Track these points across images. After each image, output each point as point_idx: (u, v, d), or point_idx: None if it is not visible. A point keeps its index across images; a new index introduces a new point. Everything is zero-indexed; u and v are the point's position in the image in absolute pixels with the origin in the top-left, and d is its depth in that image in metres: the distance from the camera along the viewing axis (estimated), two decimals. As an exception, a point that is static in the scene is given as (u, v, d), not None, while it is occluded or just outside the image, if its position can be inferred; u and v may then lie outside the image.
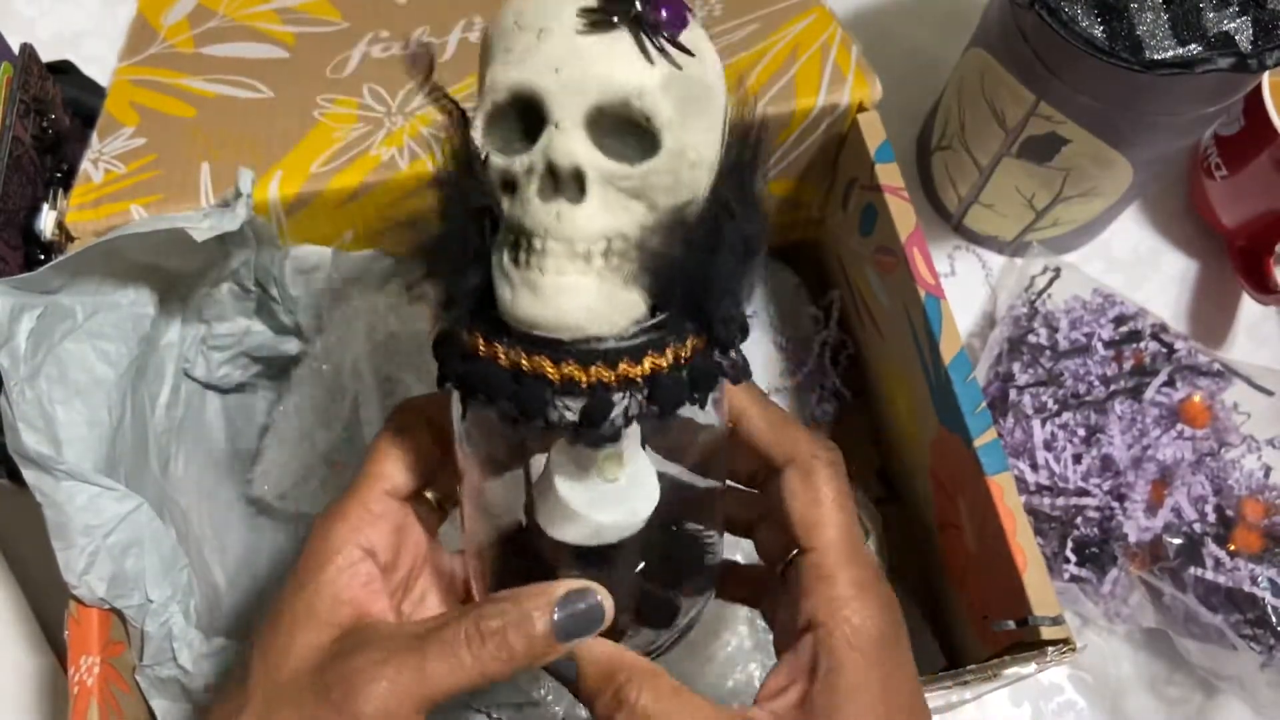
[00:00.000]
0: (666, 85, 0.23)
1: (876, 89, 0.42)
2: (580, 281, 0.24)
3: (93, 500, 0.34)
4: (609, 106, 0.23)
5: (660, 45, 0.23)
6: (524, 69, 0.23)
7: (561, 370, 0.24)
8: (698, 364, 0.25)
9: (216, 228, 0.36)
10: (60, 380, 0.35)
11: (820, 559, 0.27)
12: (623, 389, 0.24)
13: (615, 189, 0.24)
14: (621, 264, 0.24)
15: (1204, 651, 0.44)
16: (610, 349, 0.24)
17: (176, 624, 0.36)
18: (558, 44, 0.23)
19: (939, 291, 0.39)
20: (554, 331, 0.24)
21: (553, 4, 0.23)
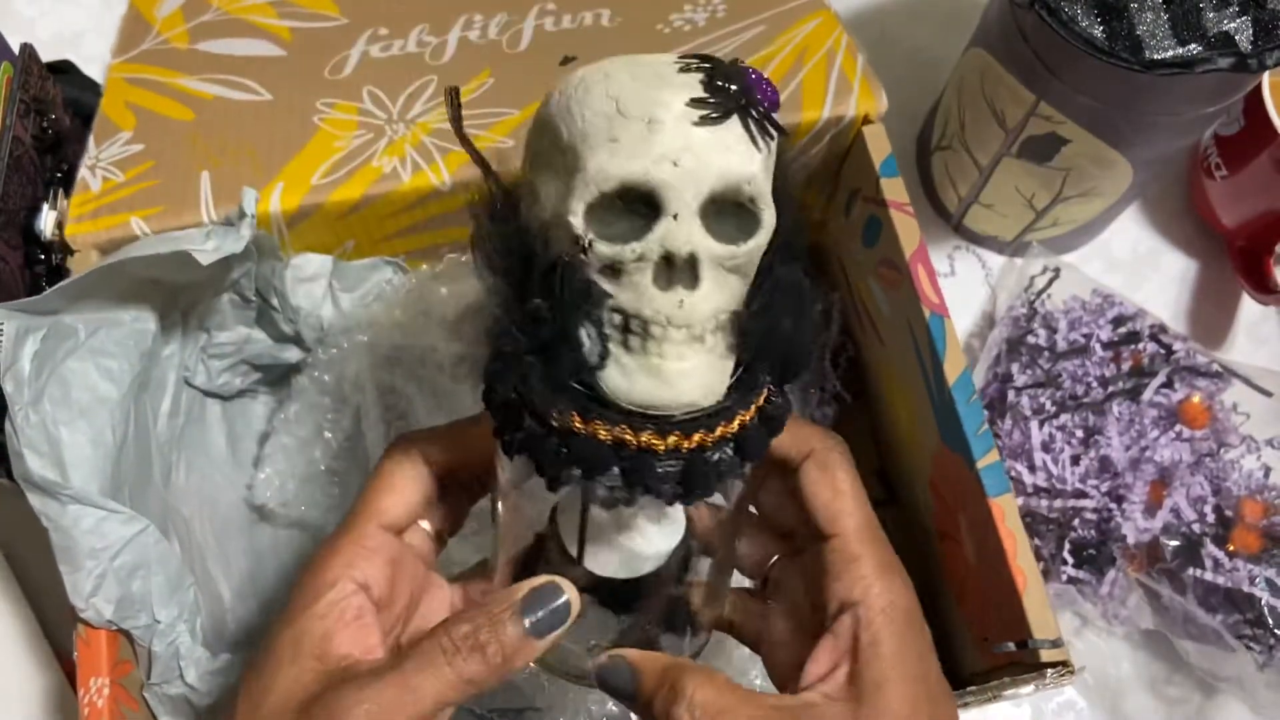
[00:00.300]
0: (767, 165, 0.24)
1: (882, 101, 0.42)
2: (699, 362, 0.24)
3: (99, 524, 0.34)
4: (721, 194, 0.23)
5: (767, 131, 0.24)
6: (637, 161, 0.23)
7: (667, 441, 0.25)
8: (769, 409, 0.27)
9: (221, 250, 0.36)
10: (64, 401, 0.35)
11: (845, 544, 0.28)
12: (716, 448, 0.25)
13: (722, 269, 0.24)
14: (723, 336, 0.25)
15: (1203, 652, 0.44)
16: (712, 414, 0.25)
17: (183, 643, 0.37)
18: (672, 136, 0.23)
19: (943, 310, 0.39)
20: (669, 410, 0.24)
21: (658, 92, 0.23)
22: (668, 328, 0.24)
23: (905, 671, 0.26)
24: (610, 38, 0.46)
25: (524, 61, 0.45)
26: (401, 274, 0.44)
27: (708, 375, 0.25)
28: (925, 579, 0.45)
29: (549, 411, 0.25)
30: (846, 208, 0.46)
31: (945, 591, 0.42)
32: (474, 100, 0.44)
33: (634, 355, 0.24)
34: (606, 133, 0.23)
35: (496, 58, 0.46)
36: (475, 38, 0.46)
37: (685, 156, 0.23)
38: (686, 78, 0.23)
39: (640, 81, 0.23)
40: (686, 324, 0.24)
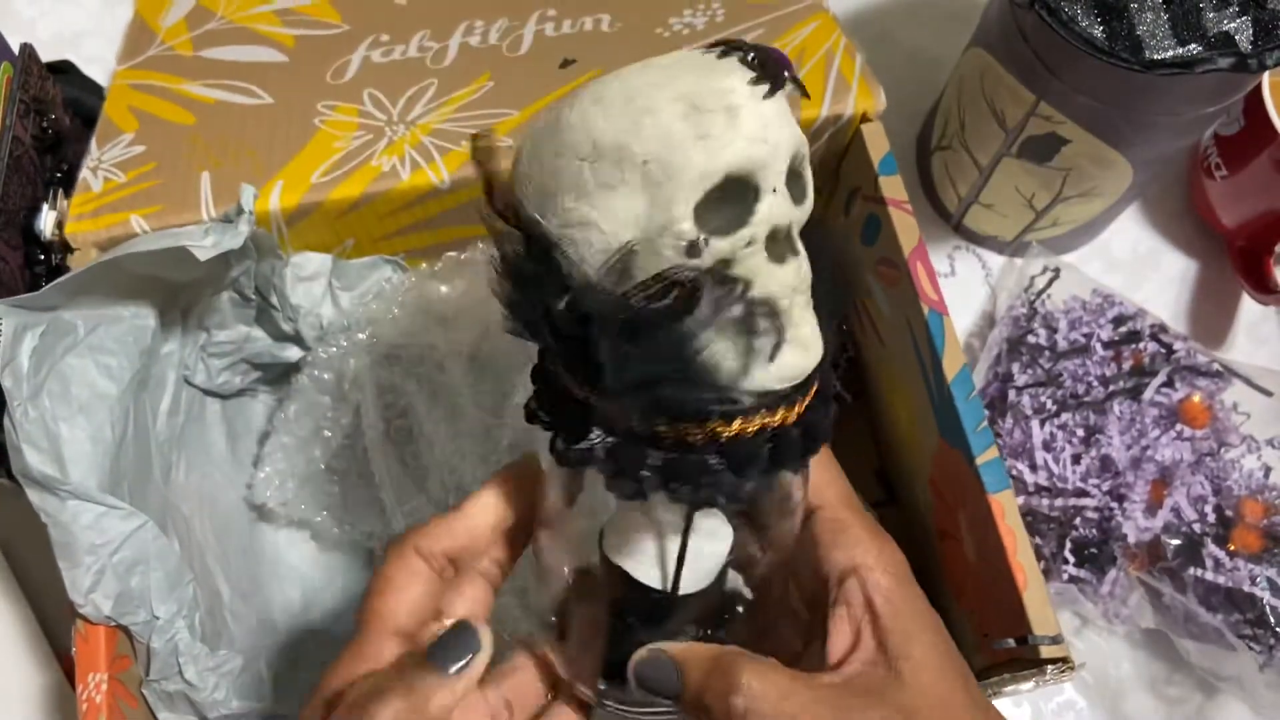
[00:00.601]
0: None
1: (881, 100, 0.42)
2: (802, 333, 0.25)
3: (98, 520, 0.34)
4: (792, 163, 0.24)
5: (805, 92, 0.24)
6: (733, 148, 0.23)
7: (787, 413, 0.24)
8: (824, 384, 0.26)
9: (219, 245, 0.36)
10: (63, 397, 0.35)
11: (833, 512, 0.28)
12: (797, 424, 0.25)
13: (795, 234, 0.25)
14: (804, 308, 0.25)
15: (1203, 652, 0.44)
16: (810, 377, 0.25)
17: (182, 639, 0.36)
18: (752, 117, 0.23)
19: (942, 307, 0.39)
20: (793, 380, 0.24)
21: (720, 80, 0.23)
22: (793, 295, 0.24)
23: (926, 622, 0.26)
24: (610, 42, 0.46)
25: (524, 65, 0.45)
26: (401, 272, 0.44)
27: (815, 333, 0.25)
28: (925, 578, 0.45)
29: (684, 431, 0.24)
30: (846, 207, 0.46)
31: (945, 590, 0.42)
32: (474, 101, 0.44)
33: (768, 337, 0.24)
34: (693, 131, 0.23)
35: (496, 62, 0.46)
36: (476, 43, 0.47)
37: (769, 132, 0.23)
38: (729, 63, 0.23)
39: (698, 76, 0.23)
40: (804, 290, 0.25)
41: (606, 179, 0.23)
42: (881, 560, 0.27)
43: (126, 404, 0.38)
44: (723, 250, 0.23)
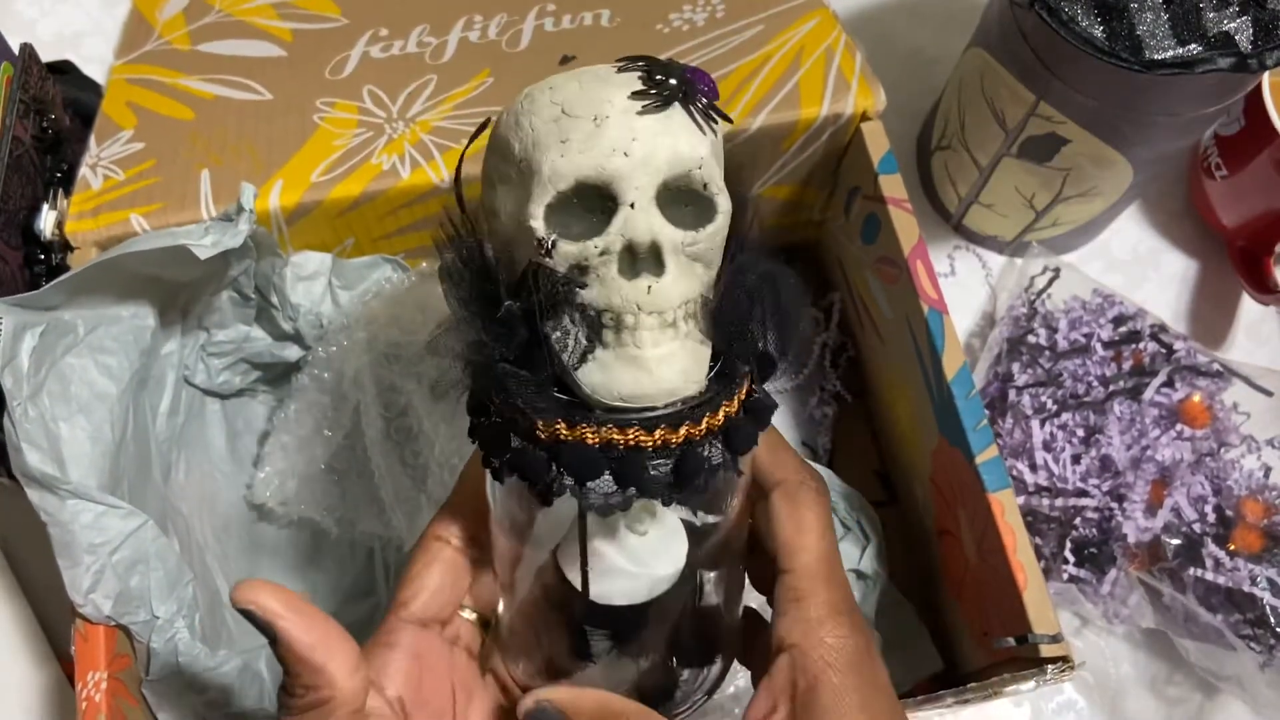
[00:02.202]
0: (714, 151, 0.25)
1: (880, 98, 0.42)
2: (674, 348, 0.24)
3: (98, 519, 0.34)
4: (674, 180, 0.24)
5: (710, 118, 0.25)
6: (590, 155, 0.23)
7: (654, 437, 0.24)
8: (752, 401, 0.27)
9: (219, 244, 0.36)
10: (62, 397, 0.35)
11: (797, 581, 0.28)
12: (704, 441, 0.25)
13: (684, 256, 0.25)
14: (695, 324, 0.25)
15: (1203, 652, 0.44)
16: (696, 405, 0.25)
17: (182, 639, 0.36)
18: (619, 128, 0.23)
19: (942, 306, 0.39)
20: (653, 400, 0.24)
21: (601, 91, 0.24)
22: (640, 315, 0.24)
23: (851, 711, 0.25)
24: (610, 38, 0.46)
25: (523, 61, 0.45)
26: (401, 271, 0.44)
27: (686, 361, 0.25)
28: (925, 577, 0.45)
29: (535, 423, 0.24)
30: (846, 206, 0.46)
31: (945, 589, 0.42)
32: (473, 99, 0.44)
33: (610, 349, 0.24)
34: (556, 135, 0.24)
35: (496, 57, 0.46)
36: (475, 38, 0.47)
37: (634, 145, 0.23)
38: (625, 76, 0.24)
39: (583, 85, 0.24)
40: (658, 309, 0.24)
41: (500, 173, 0.25)
42: (822, 648, 0.26)
43: (126, 403, 0.38)
44: (571, 254, 0.24)
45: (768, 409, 0.27)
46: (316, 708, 0.25)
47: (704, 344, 0.25)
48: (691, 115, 0.24)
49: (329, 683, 0.25)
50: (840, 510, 0.44)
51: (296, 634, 0.24)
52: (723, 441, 0.26)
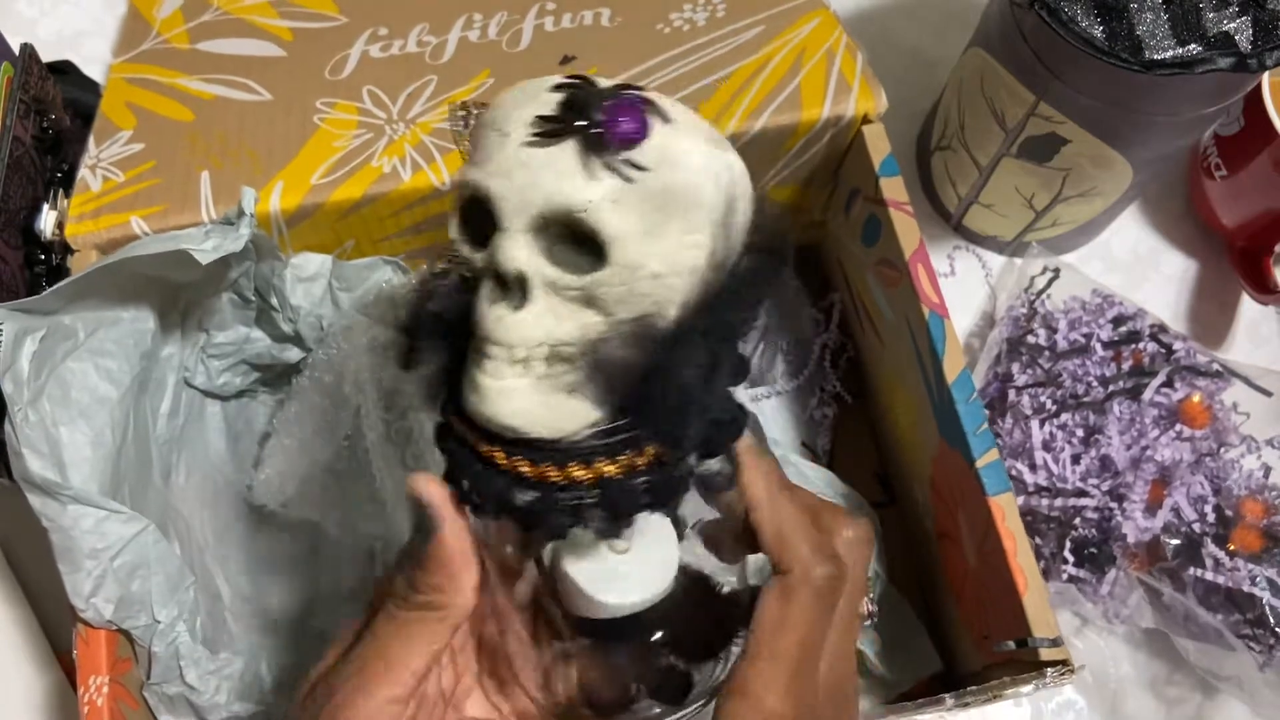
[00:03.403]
0: (620, 198, 0.23)
1: (882, 100, 0.42)
2: (515, 385, 0.24)
3: (99, 524, 0.34)
4: (553, 218, 0.23)
5: (608, 162, 0.22)
6: (483, 171, 0.23)
7: (513, 463, 0.24)
8: (658, 475, 0.25)
9: (220, 248, 0.36)
10: (63, 401, 0.35)
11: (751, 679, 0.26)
12: (570, 490, 0.24)
13: (561, 297, 0.23)
14: (567, 370, 0.24)
15: (1203, 652, 0.44)
16: (560, 450, 0.24)
17: (183, 643, 0.36)
18: (513, 150, 0.23)
19: (943, 310, 0.39)
20: (499, 431, 0.24)
21: (521, 107, 0.23)
22: (487, 343, 0.24)
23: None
24: (610, 37, 0.46)
25: (523, 61, 0.45)
26: (401, 274, 0.44)
27: (528, 404, 0.24)
28: (925, 579, 0.45)
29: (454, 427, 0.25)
30: (846, 207, 0.46)
31: (945, 591, 0.42)
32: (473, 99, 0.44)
33: (473, 369, 0.24)
34: (479, 141, 0.24)
35: (496, 57, 0.46)
36: (475, 38, 0.46)
37: (519, 172, 0.23)
38: (551, 96, 0.23)
39: (516, 95, 0.24)
40: (506, 343, 0.23)
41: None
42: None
43: (127, 407, 0.38)
44: (463, 259, 0.24)
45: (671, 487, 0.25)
46: (436, 609, 0.26)
47: (572, 395, 0.24)
48: (583, 156, 0.22)
49: (457, 589, 0.25)
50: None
51: (453, 538, 0.25)
52: (599, 499, 0.24)
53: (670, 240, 0.23)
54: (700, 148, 0.23)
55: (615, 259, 0.23)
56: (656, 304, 0.24)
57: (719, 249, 0.24)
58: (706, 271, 0.24)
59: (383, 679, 0.25)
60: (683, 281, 0.24)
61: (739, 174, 0.25)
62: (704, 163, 0.23)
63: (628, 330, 0.23)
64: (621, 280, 0.23)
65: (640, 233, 0.23)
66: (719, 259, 0.24)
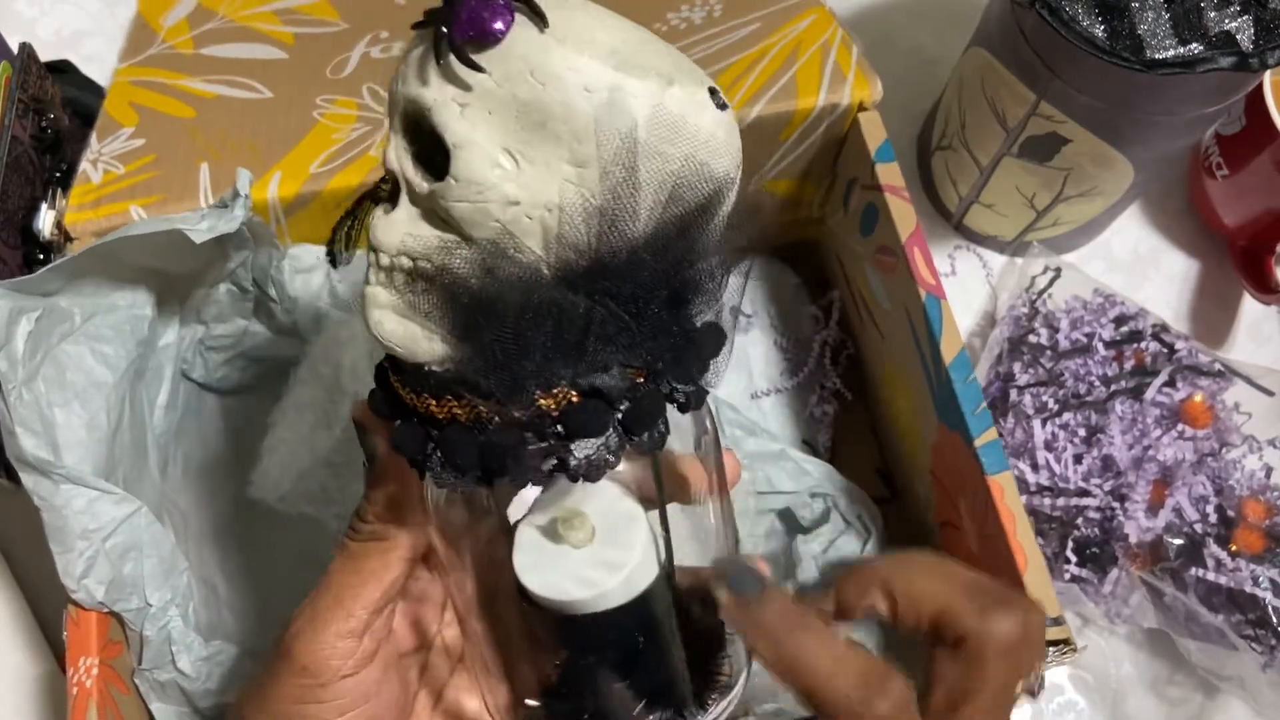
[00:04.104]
0: (471, 103, 0.21)
1: (877, 89, 0.42)
2: (378, 294, 0.22)
3: (91, 504, 0.34)
4: (412, 116, 0.22)
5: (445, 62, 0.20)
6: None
7: (395, 380, 0.23)
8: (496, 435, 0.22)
9: (215, 229, 0.36)
10: (58, 383, 0.35)
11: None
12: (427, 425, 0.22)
13: (420, 206, 0.22)
14: (421, 290, 0.22)
15: (1205, 652, 0.43)
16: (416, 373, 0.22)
17: (175, 628, 0.36)
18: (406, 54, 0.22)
19: (939, 291, 0.39)
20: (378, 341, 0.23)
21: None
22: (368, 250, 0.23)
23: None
24: (609, 37, 0.46)
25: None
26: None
27: (383, 311, 0.22)
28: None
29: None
30: (845, 199, 0.46)
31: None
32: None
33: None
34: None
35: (496, 56, 0.46)
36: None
37: (399, 70, 0.22)
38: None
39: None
40: (375, 246, 0.22)
41: None
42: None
43: (122, 392, 0.38)
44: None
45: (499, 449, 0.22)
46: (381, 539, 0.26)
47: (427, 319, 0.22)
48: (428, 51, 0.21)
49: (398, 516, 0.26)
50: (841, 505, 0.44)
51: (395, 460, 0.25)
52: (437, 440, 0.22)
53: (539, 166, 0.21)
54: (583, 63, 0.20)
55: (456, 170, 0.21)
56: (514, 236, 0.21)
57: (613, 198, 0.21)
58: (594, 219, 0.21)
59: (334, 610, 0.25)
60: (551, 218, 0.21)
61: (662, 114, 0.21)
62: (584, 80, 0.20)
63: (479, 259, 0.21)
64: (466, 196, 0.21)
65: (494, 146, 0.21)
66: (613, 212, 0.21)
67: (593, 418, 0.22)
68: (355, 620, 0.25)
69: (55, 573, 0.34)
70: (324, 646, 0.25)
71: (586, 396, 0.22)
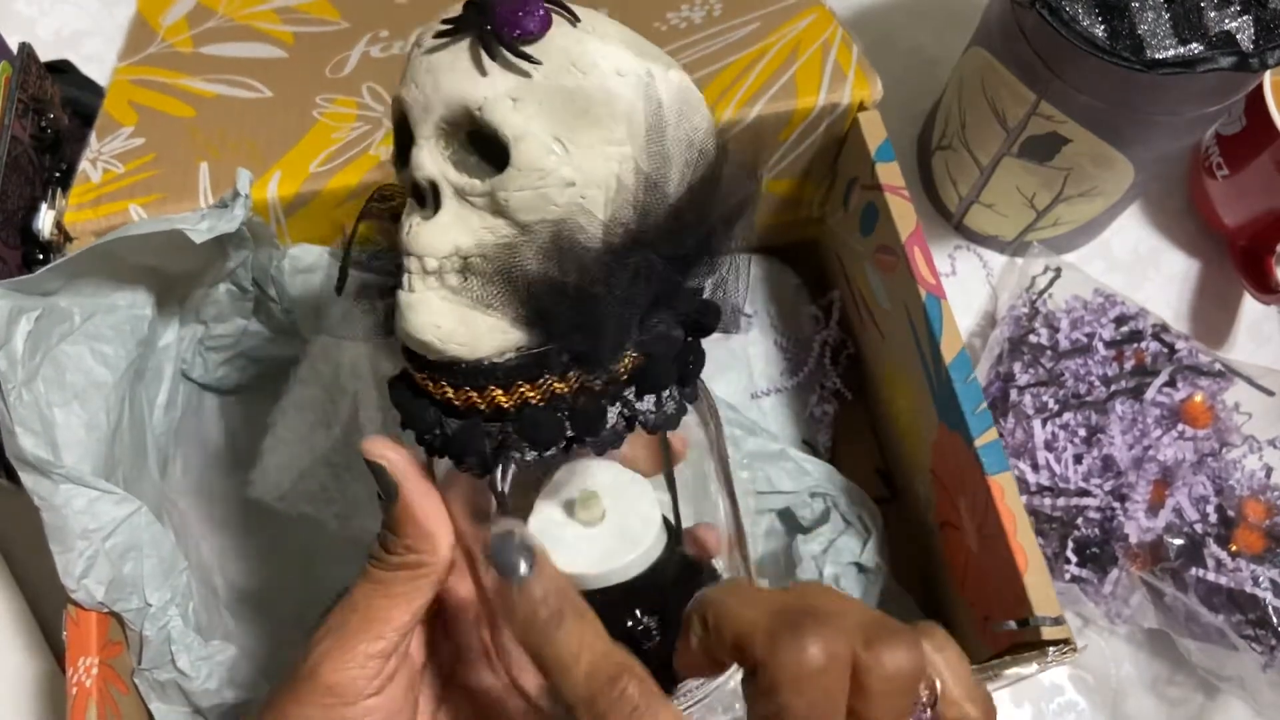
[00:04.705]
0: (520, 96, 0.22)
1: (877, 88, 0.42)
2: (426, 298, 0.23)
3: (91, 504, 0.34)
4: (455, 119, 0.23)
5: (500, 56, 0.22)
6: (401, 86, 0.23)
7: (439, 388, 0.23)
8: (581, 404, 0.24)
9: (214, 229, 0.36)
10: (58, 383, 0.35)
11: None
12: (495, 418, 0.23)
13: (470, 205, 0.23)
14: (482, 284, 0.23)
15: (1205, 652, 0.43)
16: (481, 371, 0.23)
17: (175, 627, 0.36)
18: (417, 60, 0.23)
19: (940, 291, 0.39)
20: (418, 349, 0.23)
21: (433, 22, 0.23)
22: (405, 255, 0.23)
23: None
24: (609, 36, 0.46)
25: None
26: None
27: (440, 317, 0.23)
28: (928, 572, 0.45)
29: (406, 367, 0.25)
30: (845, 198, 0.46)
31: (948, 582, 0.42)
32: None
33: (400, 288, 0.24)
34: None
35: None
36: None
37: (424, 78, 0.23)
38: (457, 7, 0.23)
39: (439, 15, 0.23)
40: (417, 253, 0.23)
41: None
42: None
43: (122, 393, 0.38)
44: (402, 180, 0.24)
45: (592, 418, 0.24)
46: (412, 568, 0.26)
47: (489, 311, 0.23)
48: (475, 50, 0.22)
49: (432, 549, 0.25)
50: (841, 505, 0.44)
51: (417, 497, 0.25)
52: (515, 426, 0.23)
53: (586, 149, 0.22)
54: (613, 51, 0.23)
55: (518, 161, 0.22)
56: (572, 216, 0.23)
57: (650, 167, 0.23)
58: (636, 190, 0.23)
59: (361, 633, 0.25)
60: (602, 195, 0.23)
61: (675, 88, 0.24)
62: (616, 67, 0.23)
63: (543, 242, 0.23)
64: (528, 184, 0.22)
65: (547, 135, 0.22)
66: (652, 178, 0.23)
67: (662, 372, 0.24)
68: (384, 642, 0.25)
69: (55, 573, 0.34)
70: (352, 667, 0.25)
71: (649, 357, 0.24)
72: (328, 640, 0.26)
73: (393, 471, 0.25)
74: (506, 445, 0.23)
